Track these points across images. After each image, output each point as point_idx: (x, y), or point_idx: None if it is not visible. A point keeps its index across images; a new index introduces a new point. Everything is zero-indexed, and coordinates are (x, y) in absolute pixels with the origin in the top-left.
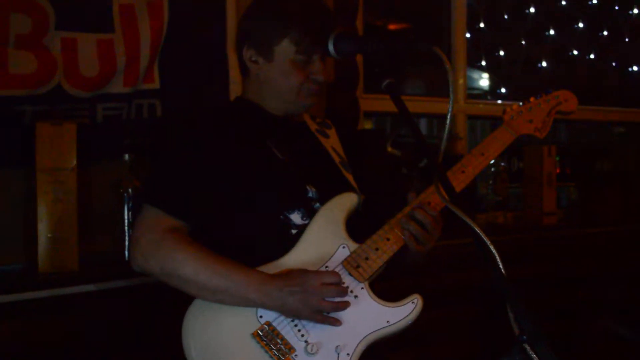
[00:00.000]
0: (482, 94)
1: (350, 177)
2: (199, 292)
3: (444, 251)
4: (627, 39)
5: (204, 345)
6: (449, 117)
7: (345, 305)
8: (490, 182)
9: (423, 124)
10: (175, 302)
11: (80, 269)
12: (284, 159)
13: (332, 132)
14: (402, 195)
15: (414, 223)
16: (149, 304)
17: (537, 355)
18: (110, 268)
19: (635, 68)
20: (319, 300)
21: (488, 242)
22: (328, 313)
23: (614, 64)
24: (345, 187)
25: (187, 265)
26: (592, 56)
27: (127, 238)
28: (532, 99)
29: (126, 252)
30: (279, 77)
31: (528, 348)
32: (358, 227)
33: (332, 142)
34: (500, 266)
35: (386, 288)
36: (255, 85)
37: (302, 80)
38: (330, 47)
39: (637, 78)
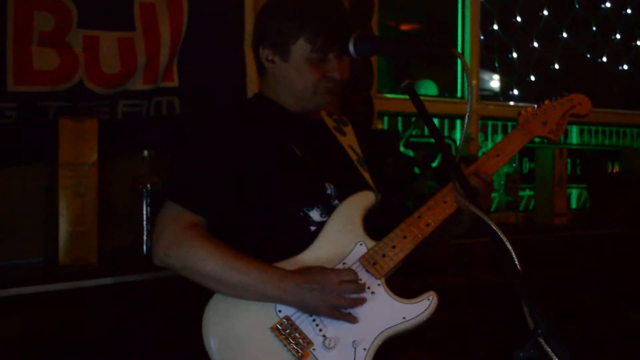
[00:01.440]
0: (493, 95)
1: (367, 175)
2: (219, 287)
3: (457, 250)
4: (638, 42)
5: (223, 338)
6: (467, 117)
7: (362, 301)
8: (502, 182)
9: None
10: (194, 296)
11: (99, 262)
12: (303, 156)
13: (348, 130)
14: (415, 195)
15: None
16: (167, 297)
17: (551, 350)
18: (129, 262)
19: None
20: (336, 297)
21: (504, 239)
22: (345, 309)
23: (625, 67)
24: (363, 185)
25: (208, 262)
26: (604, 59)
27: (145, 233)
28: (546, 102)
29: (144, 247)
30: (295, 76)
31: (542, 342)
32: (374, 224)
33: (349, 140)
34: (516, 262)
35: (401, 286)
36: (272, 84)
37: (318, 78)
38: (351, 48)
39: None
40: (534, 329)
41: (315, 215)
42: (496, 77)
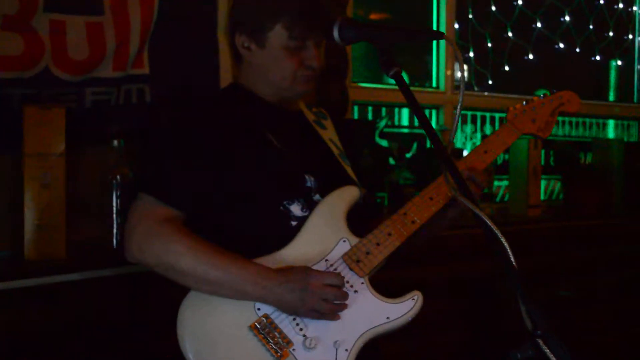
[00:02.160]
0: (466, 86)
1: (349, 170)
2: (195, 285)
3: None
4: (611, 34)
5: (199, 337)
6: (459, 107)
7: (342, 307)
8: None
9: (404, 115)
10: (167, 292)
11: (67, 257)
12: (282, 147)
13: (328, 123)
14: (390, 186)
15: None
16: (139, 293)
17: (550, 351)
18: (99, 256)
19: (598, 58)
20: (317, 301)
21: (499, 235)
22: (325, 313)
23: (598, 57)
24: (345, 180)
25: (184, 258)
26: (577, 50)
27: (115, 226)
28: (535, 99)
29: (114, 240)
30: (272, 64)
31: (541, 343)
32: (356, 220)
33: (329, 134)
34: (512, 259)
35: (384, 280)
36: (248, 72)
37: (295, 66)
38: (336, 34)
39: (622, 72)
40: (533, 329)
41: (296, 209)
42: (465, 67)
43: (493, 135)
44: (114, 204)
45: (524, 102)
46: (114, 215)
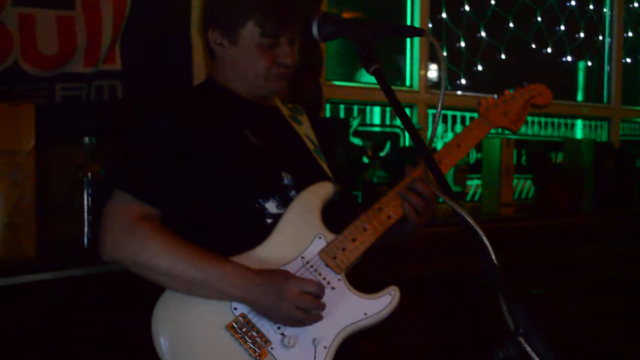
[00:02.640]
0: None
1: (325, 166)
2: (171, 284)
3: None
4: (582, 34)
5: (175, 338)
6: (440, 104)
7: (317, 319)
8: (450, 172)
9: (376, 113)
10: (141, 292)
11: (37, 256)
12: (258, 143)
13: (304, 119)
14: (364, 184)
15: (414, 194)
16: (112, 293)
17: (532, 350)
18: (69, 255)
19: (569, 58)
20: (290, 308)
21: (480, 232)
22: (298, 321)
23: (569, 58)
24: (321, 176)
25: (161, 257)
26: (549, 50)
27: (86, 224)
28: (507, 92)
29: (85, 239)
30: (244, 61)
31: (523, 342)
32: (331, 216)
33: (305, 129)
34: (493, 256)
35: (361, 277)
36: (222, 68)
37: (268, 64)
38: (315, 30)
39: (593, 73)
40: (515, 328)
41: (271, 207)
42: (434, 66)
43: (465, 129)
44: (85, 202)
45: (495, 96)
46: (85, 214)
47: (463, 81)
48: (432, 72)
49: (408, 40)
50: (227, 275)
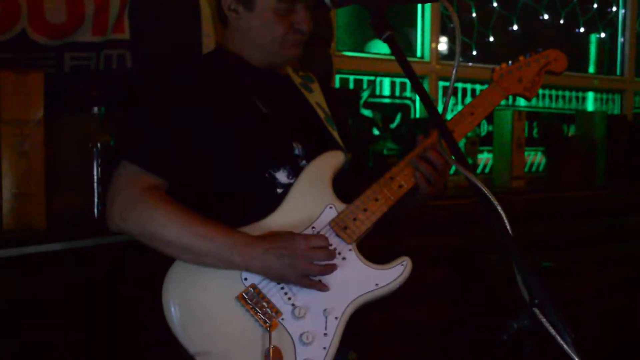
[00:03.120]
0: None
1: (336, 134)
2: (180, 254)
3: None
4: (595, 6)
5: (185, 308)
6: (454, 73)
7: (332, 268)
8: (461, 144)
9: (386, 85)
10: (151, 262)
11: (47, 227)
12: (268, 113)
13: (315, 87)
14: (374, 156)
15: (425, 163)
16: (123, 264)
17: (547, 320)
18: (80, 226)
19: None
20: (306, 264)
21: (495, 201)
22: (315, 277)
23: (582, 29)
24: (332, 145)
25: (168, 227)
26: (561, 21)
27: (96, 195)
28: (521, 58)
29: (95, 210)
30: (260, 28)
31: (538, 312)
32: (342, 186)
33: (316, 97)
34: (508, 226)
35: (372, 249)
36: (235, 36)
37: (285, 30)
38: None
39: (605, 45)
40: (529, 299)
41: (281, 176)
42: (444, 39)
43: (479, 97)
44: (95, 173)
45: (510, 62)
46: (95, 184)
47: (474, 52)
48: (442, 44)
49: (419, 12)
50: (235, 244)
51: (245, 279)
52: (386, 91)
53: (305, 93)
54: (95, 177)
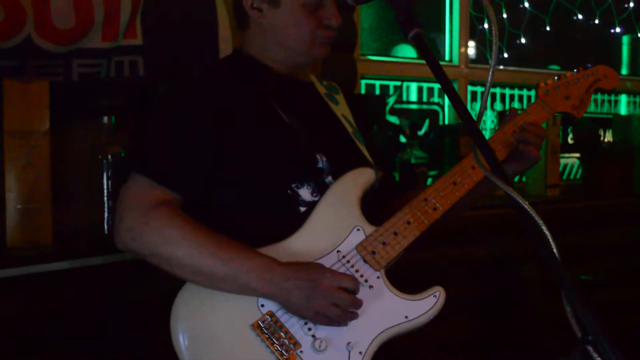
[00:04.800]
0: (480, 60)
1: (364, 150)
2: (193, 277)
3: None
4: (632, 5)
5: (195, 335)
6: (489, 78)
7: (354, 317)
8: None
9: (413, 90)
10: (163, 283)
11: (53, 244)
12: (291, 122)
13: (340, 98)
14: (401, 165)
15: (528, 133)
16: (132, 284)
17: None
18: (88, 243)
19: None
20: (325, 304)
21: (540, 222)
22: (332, 321)
23: (617, 30)
24: (360, 161)
25: (180, 246)
26: (596, 22)
27: (106, 210)
28: (568, 74)
29: (105, 225)
30: (288, 25)
31: (591, 350)
32: (371, 205)
33: (342, 109)
34: (555, 250)
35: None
36: (257, 37)
37: (314, 26)
38: None
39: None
40: (582, 335)
41: (305, 193)
42: (472, 43)
43: (522, 114)
44: (105, 186)
45: (556, 78)
46: (105, 198)
47: (505, 55)
48: (471, 49)
49: (447, 15)
50: (254, 269)
51: (262, 306)
52: (413, 97)
53: (330, 104)
54: (105, 190)
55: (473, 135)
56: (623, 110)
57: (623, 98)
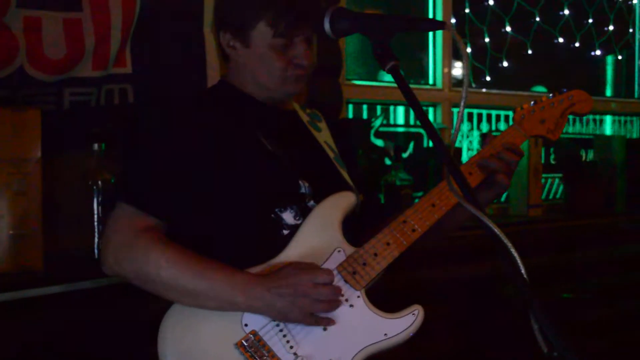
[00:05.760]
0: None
1: (345, 175)
2: (178, 297)
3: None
4: (611, 27)
5: (182, 354)
6: (462, 104)
7: (338, 304)
8: None
9: (400, 113)
10: (150, 305)
11: (45, 269)
12: (274, 150)
13: (323, 125)
14: (386, 187)
15: (499, 161)
16: (121, 307)
17: None
18: (79, 267)
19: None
20: (310, 302)
21: (509, 245)
22: (319, 315)
23: (598, 52)
24: (342, 185)
25: (165, 268)
26: (577, 44)
27: (96, 235)
28: (544, 98)
29: (96, 250)
30: (258, 64)
31: None
32: (352, 227)
33: (324, 137)
34: (523, 271)
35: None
36: (237, 71)
37: (283, 65)
38: (327, 26)
39: (623, 67)
40: (548, 351)
41: (288, 217)
42: (458, 64)
43: (499, 138)
44: (95, 211)
45: (532, 102)
46: (95, 223)
47: (488, 78)
48: (457, 69)
49: (431, 36)
50: (236, 285)
51: (246, 325)
52: (400, 120)
53: (313, 131)
54: (96, 215)
55: (447, 165)
56: (608, 130)
57: (608, 118)
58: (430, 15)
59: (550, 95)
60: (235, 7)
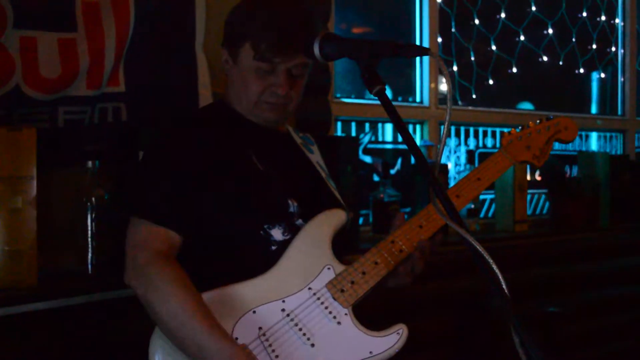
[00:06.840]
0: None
1: (337, 193)
2: (164, 332)
3: None
4: (595, 46)
5: None
6: (446, 125)
7: None
8: None
9: (388, 130)
10: (144, 321)
11: (39, 284)
12: (264, 169)
13: (315, 148)
14: (374, 204)
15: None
16: (114, 321)
17: None
18: (73, 283)
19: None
20: None
21: (491, 262)
22: None
23: (581, 70)
24: (332, 203)
25: (165, 306)
26: (561, 63)
27: (90, 250)
28: (531, 124)
29: (89, 266)
30: (239, 82)
31: None
32: (342, 246)
33: (316, 157)
34: (505, 287)
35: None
36: (229, 88)
37: (261, 89)
38: (316, 50)
39: (606, 85)
40: None
41: (276, 233)
42: (445, 80)
43: (486, 162)
44: (89, 228)
45: (519, 128)
46: (89, 239)
47: (474, 96)
48: (443, 85)
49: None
50: (219, 354)
51: (237, 339)
52: (388, 137)
53: (306, 152)
54: (90, 232)
55: (432, 187)
56: (594, 146)
57: (593, 135)
58: (418, 34)
59: (538, 121)
60: (231, 24)
